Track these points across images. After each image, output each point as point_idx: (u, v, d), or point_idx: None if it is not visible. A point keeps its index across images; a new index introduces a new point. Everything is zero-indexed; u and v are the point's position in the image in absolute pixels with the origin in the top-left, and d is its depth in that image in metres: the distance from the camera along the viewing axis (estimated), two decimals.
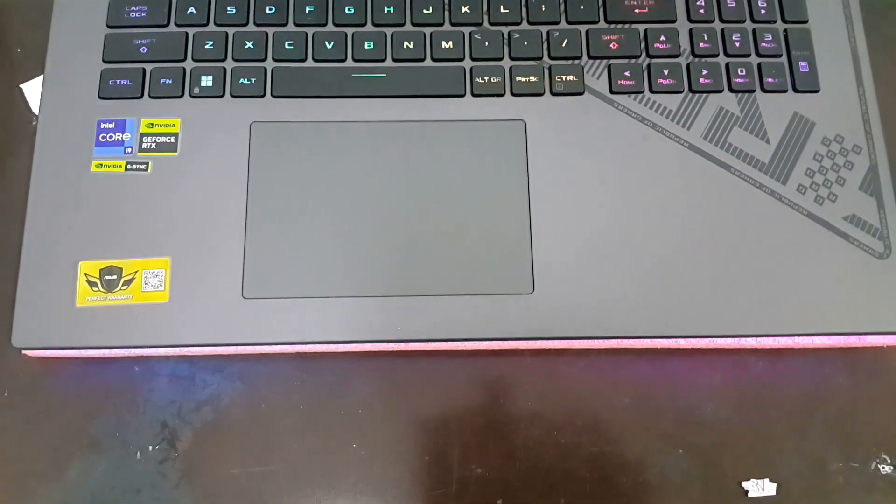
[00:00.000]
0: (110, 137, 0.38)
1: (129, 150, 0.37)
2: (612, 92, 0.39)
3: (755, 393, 0.38)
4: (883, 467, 0.37)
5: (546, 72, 0.39)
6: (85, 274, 0.36)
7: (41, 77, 0.40)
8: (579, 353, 0.38)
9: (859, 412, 0.38)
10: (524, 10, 0.40)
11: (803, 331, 0.36)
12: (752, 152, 0.38)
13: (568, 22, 0.40)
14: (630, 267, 0.36)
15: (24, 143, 0.40)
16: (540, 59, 0.39)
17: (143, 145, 0.37)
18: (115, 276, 0.36)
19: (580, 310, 0.36)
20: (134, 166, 0.37)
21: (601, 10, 0.40)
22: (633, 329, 0.36)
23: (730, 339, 0.37)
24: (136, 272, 0.36)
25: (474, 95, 0.39)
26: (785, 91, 0.39)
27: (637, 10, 0.40)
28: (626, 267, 0.36)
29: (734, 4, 0.40)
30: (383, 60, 0.39)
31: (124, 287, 0.36)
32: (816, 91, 0.39)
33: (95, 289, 0.36)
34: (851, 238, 0.37)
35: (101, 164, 0.37)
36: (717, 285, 0.36)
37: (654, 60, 0.39)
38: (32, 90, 0.41)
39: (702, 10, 0.40)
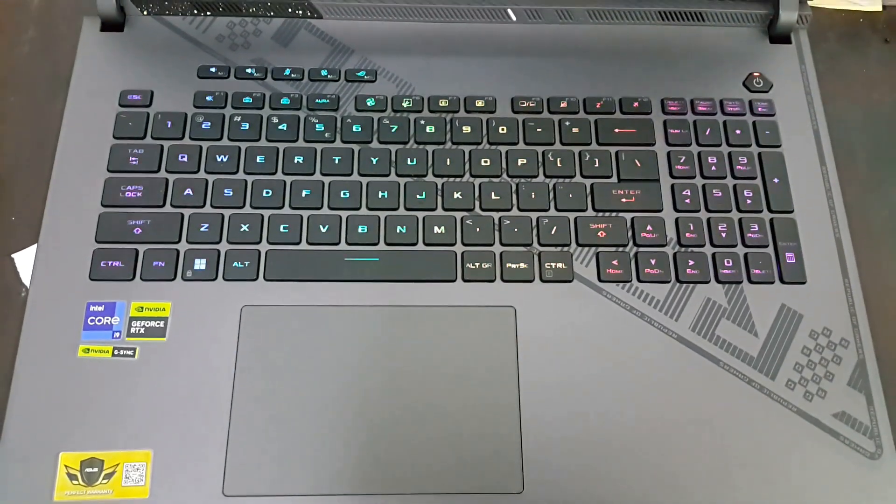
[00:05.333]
0: (99, 321, 0.37)
1: (118, 334, 0.37)
2: (600, 280, 0.39)
3: None
4: None
5: (536, 258, 0.39)
6: (65, 465, 0.35)
7: (34, 247, 0.40)
8: None
9: None
10: (514, 196, 0.41)
11: None
12: (740, 346, 0.38)
13: (557, 209, 0.40)
14: (620, 465, 0.36)
15: (11, 315, 0.40)
16: (529, 245, 0.40)
17: (132, 330, 0.37)
18: (96, 469, 0.35)
19: None
20: (121, 352, 0.37)
21: (589, 198, 0.41)
22: None
23: None
24: (118, 465, 0.35)
25: (465, 281, 0.39)
26: (772, 282, 0.39)
27: (624, 200, 0.41)
28: (616, 465, 0.36)
29: (720, 194, 0.41)
30: (376, 244, 0.39)
31: (105, 481, 0.35)
32: (803, 282, 0.39)
33: (75, 482, 0.35)
34: (842, 437, 0.37)
35: (88, 350, 0.37)
36: (708, 486, 0.36)
37: (642, 249, 0.40)
38: (24, 260, 0.42)
39: (688, 201, 0.41)
